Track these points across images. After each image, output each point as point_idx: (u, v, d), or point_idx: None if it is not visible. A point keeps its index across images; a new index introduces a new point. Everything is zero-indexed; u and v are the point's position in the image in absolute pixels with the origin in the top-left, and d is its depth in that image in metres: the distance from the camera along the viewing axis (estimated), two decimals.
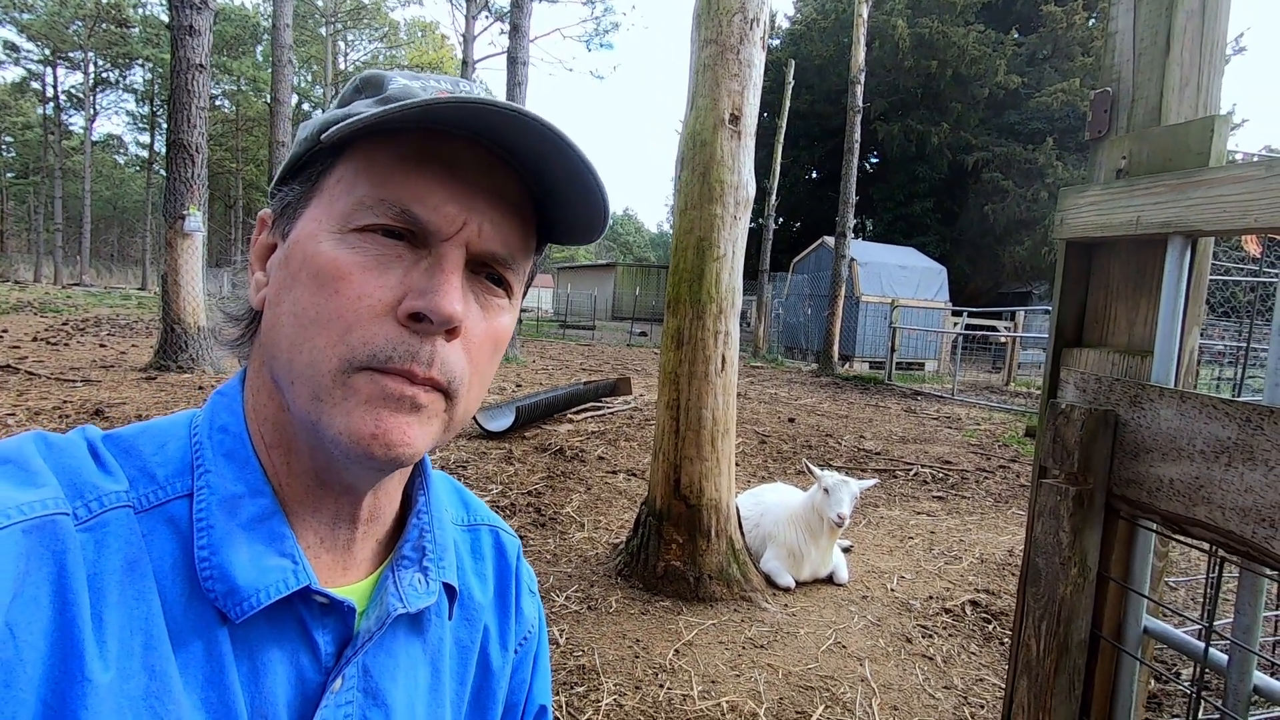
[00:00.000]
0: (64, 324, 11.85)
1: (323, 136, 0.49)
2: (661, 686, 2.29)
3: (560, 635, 2.57)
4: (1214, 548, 0.95)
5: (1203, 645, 0.99)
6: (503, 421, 5.76)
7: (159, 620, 0.44)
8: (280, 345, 0.49)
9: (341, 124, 0.46)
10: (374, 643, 0.53)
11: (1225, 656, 1.01)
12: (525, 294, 0.60)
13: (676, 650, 2.53)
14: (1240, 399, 1.04)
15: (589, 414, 6.82)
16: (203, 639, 0.45)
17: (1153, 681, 2.32)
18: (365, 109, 0.50)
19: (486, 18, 18.63)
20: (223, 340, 0.58)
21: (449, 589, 0.60)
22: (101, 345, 9.50)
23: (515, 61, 11.59)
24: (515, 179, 0.53)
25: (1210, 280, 1.19)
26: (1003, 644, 2.80)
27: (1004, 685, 2.41)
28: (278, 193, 0.54)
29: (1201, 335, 1.27)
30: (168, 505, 0.47)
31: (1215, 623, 1.01)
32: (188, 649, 0.45)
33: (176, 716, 0.43)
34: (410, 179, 0.48)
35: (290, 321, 0.48)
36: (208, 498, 0.48)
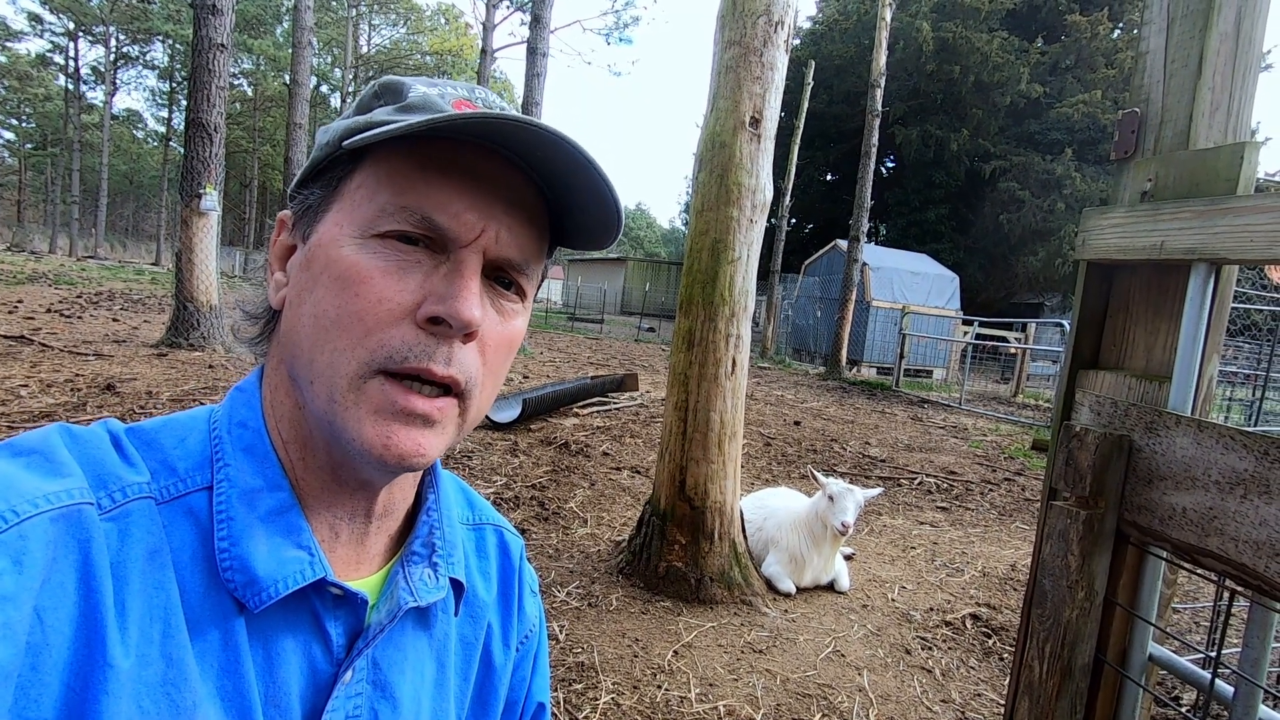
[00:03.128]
0: (78, 296, 11.94)
1: (345, 143, 0.49)
2: (659, 688, 2.29)
3: (560, 631, 2.58)
4: (1223, 578, 0.94)
5: (1208, 675, 0.99)
6: (509, 413, 5.78)
7: (178, 609, 0.45)
8: (301, 345, 0.50)
9: (368, 134, 0.47)
10: (384, 636, 0.54)
11: (1231, 689, 1.00)
12: (536, 293, 0.61)
13: (675, 651, 2.54)
14: (1258, 429, 1.03)
15: (595, 409, 6.82)
16: (219, 628, 0.46)
17: (1154, 706, 2.31)
18: (386, 116, 0.50)
19: (507, 7, 18.58)
20: (241, 338, 0.59)
21: (456, 584, 0.61)
22: (114, 319, 9.58)
23: (535, 52, 11.58)
24: (532, 187, 0.54)
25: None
26: (1002, 659, 2.79)
27: (1002, 702, 2.41)
28: (297, 195, 0.55)
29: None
30: (188, 497, 0.48)
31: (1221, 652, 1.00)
32: (205, 638, 0.46)
33: (193, 703, 0.43)
34: (432, 187, 0.49)
35: (311, 323, 0.49)
36: (227, 490, 0.49)
